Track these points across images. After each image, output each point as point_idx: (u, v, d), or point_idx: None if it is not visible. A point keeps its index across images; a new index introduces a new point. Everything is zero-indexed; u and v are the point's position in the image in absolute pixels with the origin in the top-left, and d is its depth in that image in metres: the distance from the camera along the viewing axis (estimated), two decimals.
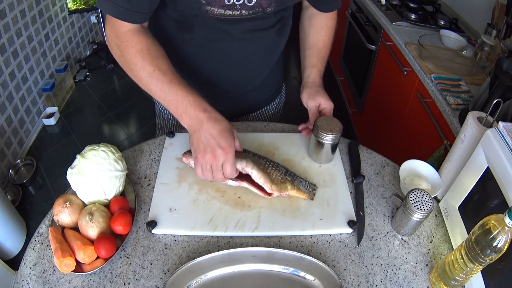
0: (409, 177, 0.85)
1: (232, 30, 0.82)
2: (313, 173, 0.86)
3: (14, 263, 1.64)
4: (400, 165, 0.85)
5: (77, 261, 0.67)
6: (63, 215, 0.72)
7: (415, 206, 0.68)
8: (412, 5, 1.90)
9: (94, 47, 3.31)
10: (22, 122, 2.29)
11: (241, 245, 0.73)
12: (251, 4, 0.75)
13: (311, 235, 0.75)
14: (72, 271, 0.66)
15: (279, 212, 0.77)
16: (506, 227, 0.53)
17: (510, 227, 0.52)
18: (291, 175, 0.81)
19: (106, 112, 2.69)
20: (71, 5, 2.70)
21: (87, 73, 3.00)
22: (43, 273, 0.68)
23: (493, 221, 0.54)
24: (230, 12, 0.76)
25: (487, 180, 0.66)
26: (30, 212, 1.96)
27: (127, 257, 0.71)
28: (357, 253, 0.73)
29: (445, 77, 1.37)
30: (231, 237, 0.74)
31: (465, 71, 1.41)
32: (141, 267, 0.69)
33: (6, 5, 2.08)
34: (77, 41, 3.06)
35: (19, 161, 2.17)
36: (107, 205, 0.76)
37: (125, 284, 0.67)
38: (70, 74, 2.83)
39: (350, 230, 0.75)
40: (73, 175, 0.73)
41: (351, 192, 0.83)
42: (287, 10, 0.88)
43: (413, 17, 1.80)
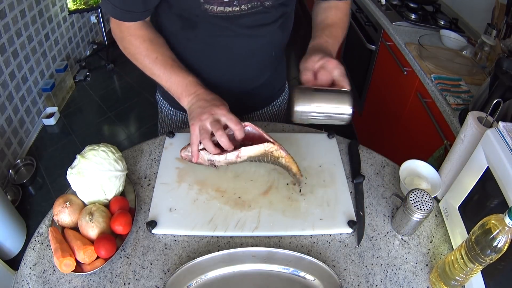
0: (409, 177, 0.85)
1: (234, 26, 0.82)
2: (313, 173, 0.86)
3: (14, 263, 1.65)
4: (400, 165, 0.85)
5: (77, 261, 0.67)
6: (63, 215, 0.72)
7: (415, 206, 0.68)
8: (412, 5, 1.90)
9: (94, 47, 3.31)
10: (22, 122, 2.29)
11: (241, 245, 0.73)
12: None
13: (311, 235, 0.75)
14: (72, 271, 0.66)
15: (279, 212, 0.77)
16: (506, 227, 0.53)
17: (510, 227, 0.52)
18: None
19: (106, 112, 2.69)
20: (71, 5, 2.70)
21: (87, 73, 3.00)
22: (43, 273, 0.68)
23: (493, 221, 0.54)
24: (230, 9, 0.77)
25: (487, 180, 0.66)
26: (30, 212, 1.96)
27: (127, 257, 0.71)
28: (357, 253, 0.73)
29: (445, 77, 1.37)
30: (231, 237, 0.74)
31: (465, 71, 1.41)
32: (141, 267, 0.69)
33: (6, 5, 2.08)
34: (77, 41, 3.06)
35: (19, 161, 2.17)
36: (107, 205, 0.76)
37: (125, 284, 0.67)
38: (70, 74, 2.83)
39: (350, 230, 0.75)
40: (73, 175, 0.73)
41: (351, 192, 0.83)
42: (288, 5, 0.87)
43: (413, 17, 1.80)
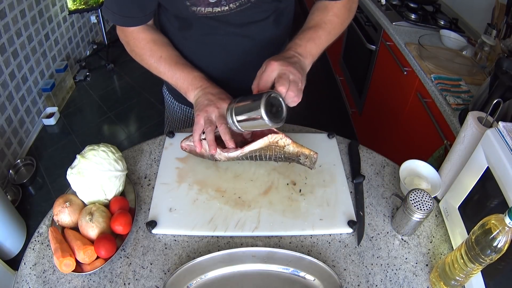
0: (409, 177, 0.85)
1: (226, 25, 0.83)
2: (313, 173, 0.86)
3: (14, 263, 1.64)
4: (400, 165, 0.85)
5: (77, 261, 0.67)
6: (63, 215, 0.72)
7: (415, 206, 0.68)
8: (412, 5, 1.90)
9: (94, 47, 3.31)
10: (22, 122, 2.29)
11: (241, 245, 0.73)
12: None
13: (311, 235, 0.75)
14: (72, 271, 0.66)
15: (279, 212, 0.77)
16: (506, 227, 0.53)
17: (510, 227, 0.52)
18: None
19: (106, 112, 2.69)
20: (71, 5, 2.70)
21: (87, 73, 3.00)
22: (43, 273, 0.68)
23: (493, 221, 0.54)
24: (219, 9, 0.78)
25: (487, 180, 0.66)
26: (30, 212, 1.96)
27: (127, 257, 0.71)
28: (357, 253, 0.73)
29: (445, 77, 1.37)
30: (231, 237, 0.74)
31: (465, 71, 1.41)
32: (141, 267, 0.69)
33: (6, 5, 2.08)
34: (77, 41, 3.06)
35: (19, 161, 2.17)
36: (107, 205, 0.76)
37: (125, 284, 0.67)
38: (70, 74, 2.83)
39: (350, 230, 0.75)
40: (73, 175, 0.73)
41: (351, 192, 0.83)
42: (282, 1, 0.85)
43: (413, 17, 1.80)
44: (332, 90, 2.82)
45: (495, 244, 0.54)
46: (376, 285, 0.68)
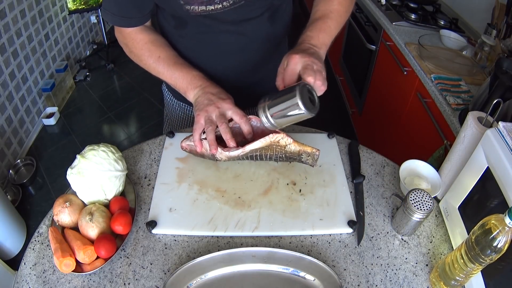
0: (409, 177, 0.85)
1: (221, 23, 0.83)
2: (313, 173, 0.86)
3: (14, 263, 1.64)
4: (400, 165, 0.85)
5: (77, 261, 0.67)
6: (63, 215, 0.72)
7: (415, 206, 0.68)
8: (412, 5, 1.90)
9: (94, 47, 3.31)
10: (22, 122, 2.29)
11: (241, 245, 0.73)
12: None
13: (311, 235, 0.75)
14: (72, 271, 0.66)
15: (279, 212, 0.77)
16: (506, 227, 0.53)
17: (510, 227, 0.52)
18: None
19: (106, 112, 2.69)
20: (71, 5, 2.70)
21: (87, 73, 3.00)
22: (43, 273, 0.68)
23: (493, 221, 0.54)
24: (212, 7, 0.78)
25: (487, 180, 0.66)
26: (30, 212, 1.96)
27: (127, 257, 0.71)
28: (357, 253, 0.73)
29: (445, 77, 1.37)
30: (231, 237, 0.74)
31: (465, 71, 1.41)
32: (141, 267, 0.69)
33: (6, 5, 2.08)
34: (77, 41, 3.06)
35: (19, 161, 2.17)
36: (107, 205, 0.76)
37: (125, 284, 0.67)
38: (70, 74, 2.83)
39: (350, 230, 0.75)
40: (73, 175, 0.73)
41: (351, 192, 0.83)
42: None
43: (413, 17, 1.80)
44: (332, 90, 2.82)
45: (495, 244, 0.54)
46: (376, 285, 0.68)
